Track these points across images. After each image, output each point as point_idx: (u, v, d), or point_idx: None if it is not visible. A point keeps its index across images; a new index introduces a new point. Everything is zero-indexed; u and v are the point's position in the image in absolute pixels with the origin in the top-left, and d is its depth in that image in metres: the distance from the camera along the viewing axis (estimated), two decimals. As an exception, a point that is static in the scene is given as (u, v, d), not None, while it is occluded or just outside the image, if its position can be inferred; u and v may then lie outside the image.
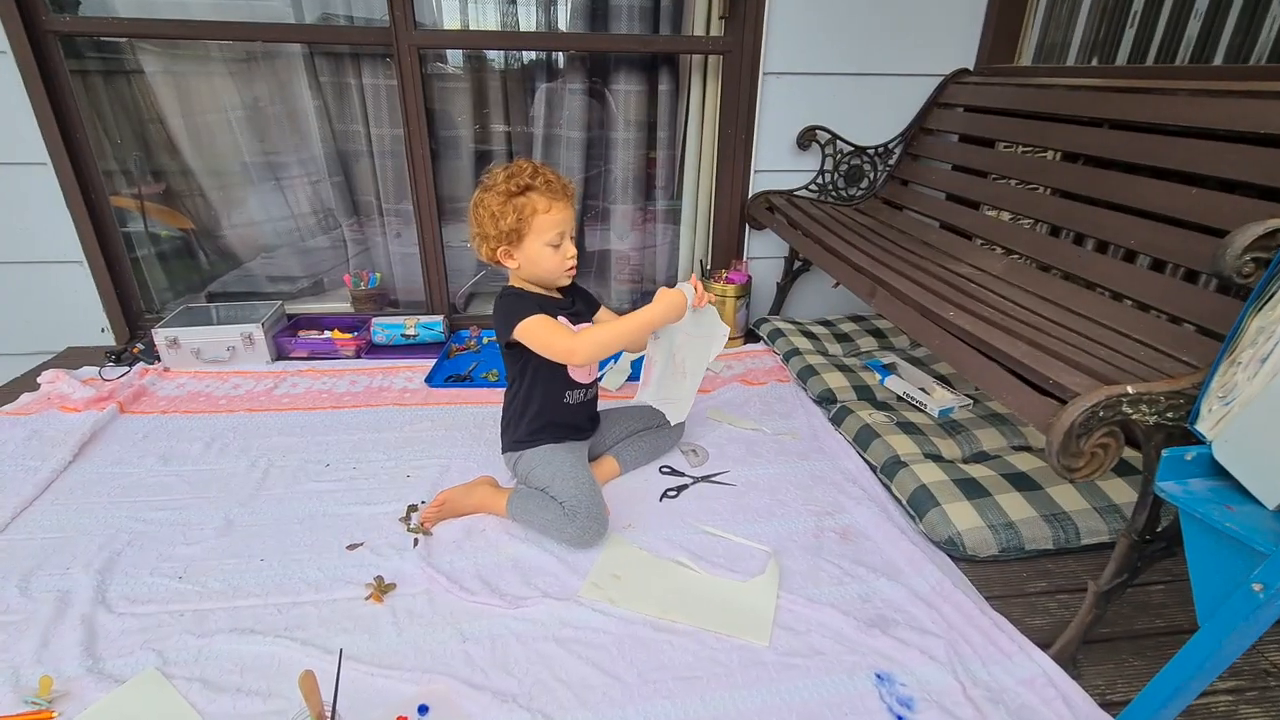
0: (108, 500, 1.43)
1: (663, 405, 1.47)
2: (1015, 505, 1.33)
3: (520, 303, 1.32)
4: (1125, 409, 0.83)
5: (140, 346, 2.10)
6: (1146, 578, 1.10)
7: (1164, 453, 0.80)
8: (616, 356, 2.08)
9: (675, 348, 1.43)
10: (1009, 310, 1.27)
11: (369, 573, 1.23)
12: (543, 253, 1.31)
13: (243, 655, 1.06)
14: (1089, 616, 1.00)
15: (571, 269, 1.36)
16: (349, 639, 1.09)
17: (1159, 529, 0.96)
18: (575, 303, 1.44)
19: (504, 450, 1.48)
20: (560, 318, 1.35)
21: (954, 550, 1.28)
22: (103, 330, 2.23)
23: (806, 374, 1.92)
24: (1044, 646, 1.07)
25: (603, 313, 1.50)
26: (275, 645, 1.07)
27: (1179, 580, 1.23)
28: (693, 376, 1.47)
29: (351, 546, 1.30)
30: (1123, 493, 1.36)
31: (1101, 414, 0.83)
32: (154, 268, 2.35)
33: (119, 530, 1.34)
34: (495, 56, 2.25)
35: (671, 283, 2.51)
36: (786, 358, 2.06)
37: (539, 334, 1.28)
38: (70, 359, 2.11)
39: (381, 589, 1.19)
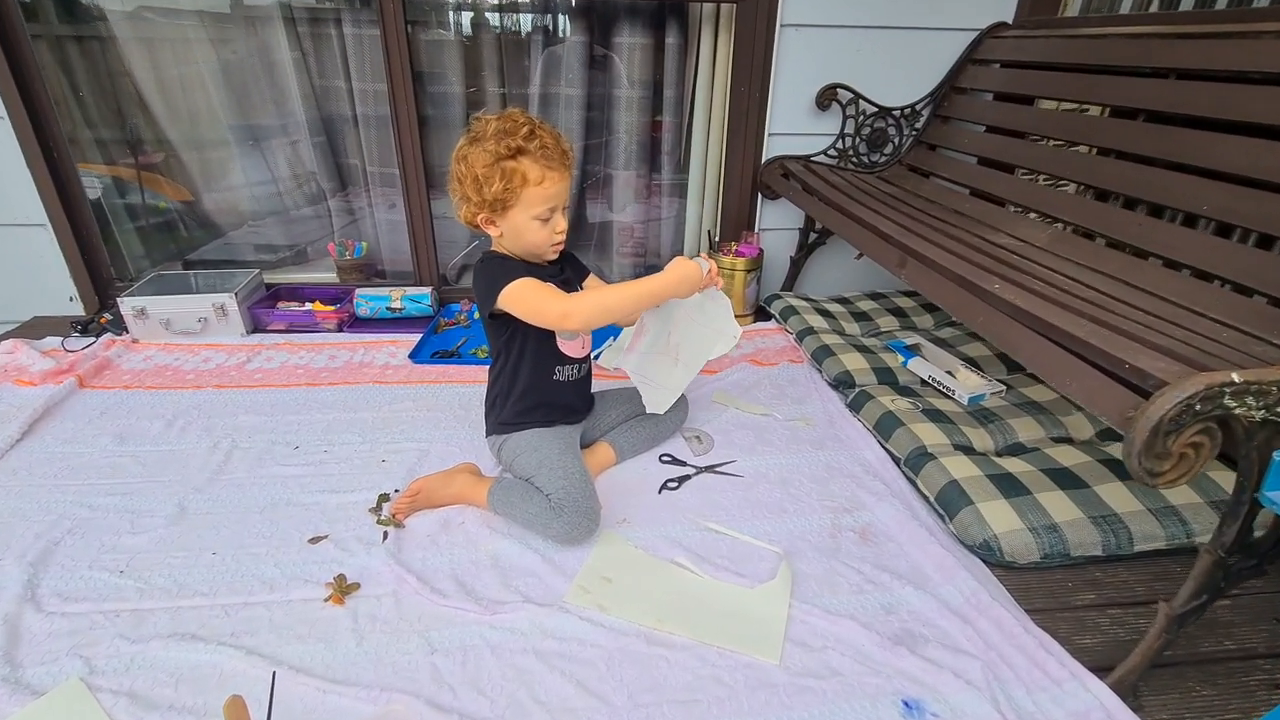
0: (53, 483, 1.30)
1: (643, 386, 1.33)
2: (1059, 505, 1.18)
3: (505, 267, 1.17)
4: (1228, 401, 0.68)
5: (108, 316, 1.97)
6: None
7: (1275, 455, 0.65)
8: (615, 332, 1.93)
9: (673, 324, 1.28)
10: (1061, 284, 1.11)
11: (331, 570, 1.10)
12: (529, 226, 1.15)
13: (179, 665, 0.93)
14: (1158, 642, 0.85)
15: (559, 245, 1.21)
16: (302, 648, 0.96)
17: (1246, 542, 0.81)
18: (565, 269, 1.29)
19: (488, 433, 1.34)
20: (549, 285, 1.20)
21: (989, 556, 1.13)
22: (71, 299, 2.10)
23: (822, 355, 1.77)
24: (1097, 671, 0.92)
25: (591, 281, 1.35)
26: (218, 654, 0.94)
27: (1248, 594, 1.08)
28: (685, 368, 1.32)
29: (314, 540, 1.17)
30: (1180, 492, 1.21)
31: (1199, 407, 0.67)
32: (128, 234, 2.21)
33: (61, 516, 1.21)
34: (488, 4, 2.06)
35: (677, 256, 2.38)
36: (800, 337, 1.91)
37: (528, 299, 1.13)
38: (35, 329, 1.98)
39: (343, 589, 1.06)
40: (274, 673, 0.81)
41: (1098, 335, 0.84)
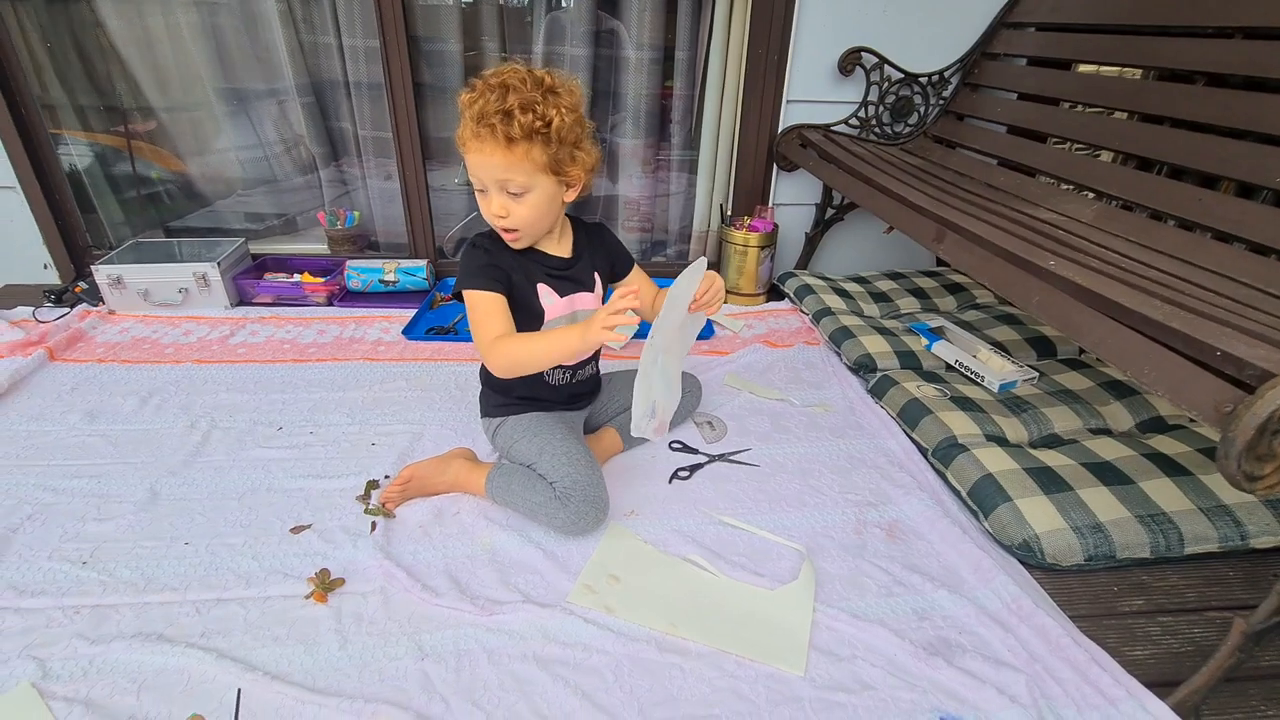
0: (16, 463, 1.21)
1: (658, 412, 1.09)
2: (1103, 502, 1.09)
3: (479, 263, 1.04)
4: (1349, 396, 0.58)
5: (83, 285, 1.86)
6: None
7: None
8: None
9: (666, 370, 1.05)
10: (1120, 262, 1.01)
11: (314, 563, 1.01)
12: (478, 193, 1.02)
13: (143, 669, 0.84)
14: (1229, 661, 0.77)
15: (508, 234, 1.02)
16: (279, 651, 0.87)
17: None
18: (579, 261, 1.13)
19: (483, 415, 1.24)
20: (540, 285, 1.08)
21: (1029, 557, 1.05)
22: (45, 267, 1.99)
23: (841, 337, 1.67)
24: (1152, 687, 0.84)
25: (635, 277, 1.19)
26: (186, 657, 0.85)
27: (1311, 603, 0.99)
28: (672, 376, 1.11)
29: (296, 530, 1.08)
30: (1232, 490, 1.12)
31: (1315, 402, 0.58)
32: (106, 200, 2.08)
33: (22, 501, 1.12)
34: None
35: (685, 232, 2.26)
36: (817, 318, 1.80)
37: (473, 318, 1.04)
38: (6, 298, 1.88)
39: (326, 585, 0.97)
40: (239, 690, 0.73)
41: (1178, 318, 0.74)
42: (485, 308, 1.02)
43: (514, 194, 0.98)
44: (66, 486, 1.15)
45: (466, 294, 1.04)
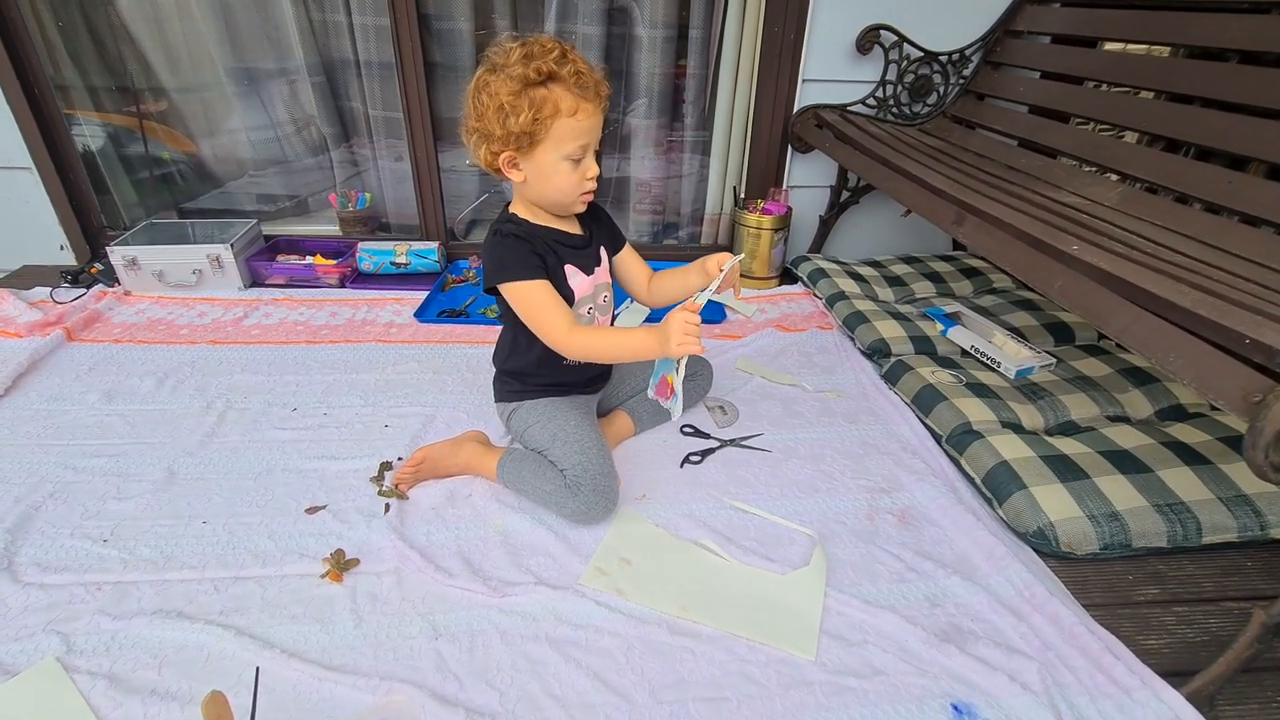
0: (36, 442, 1.23)
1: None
2: (1120, 491, 1.08)
3: (516, 252, 1.03)
4: (1384, 386, 0.56)
5: (99, 266, 1.87)
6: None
7: None
8: (631, 298, 1.81)
9: None
10: (1146, 247, 0.98)
11: (329, 543, 1.02)
12: (558, 168, 0.99)
13: (164, 645, 0.86)
14: (1247, 651, 0.76)
15: (589, 194, 1.05)
16: (296, 629, 0.89)
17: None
18: (592, 239, 1.13)
19: (497, 399, 1.24)
20: (568, 266, 1.07)
21: (1044, 545, 1.04)
22: (61, 248, 2.00)
23: (855, 321, 1.65)
24: (1166, 677, 0.84)
25: (627, 254, 1.20)
26: (205, 634, 0.87)
27: (1331, 595, 0.98)
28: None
29: (311, 510, 1.09)
30: (1253, 480, 1.10)
31: (1348, 393, 0.56)
32: (120, 180, 2.09)
33: (43, 479, 1.14)
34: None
35: (698, 215, 2.24)
36: (830, 302, 1.78)
37: (533, 310, 1.04)
38: (24, 278, 1.89)
39: (341, 565, 0.98)
40: (257, 668, 0.74)
41: (1205, 304, 0.73)
42: (541, 296, 1.03)
43: (595, 154, 1.02)
44: (86, 465, 1.17)
45: (514, 286, 1.03)
